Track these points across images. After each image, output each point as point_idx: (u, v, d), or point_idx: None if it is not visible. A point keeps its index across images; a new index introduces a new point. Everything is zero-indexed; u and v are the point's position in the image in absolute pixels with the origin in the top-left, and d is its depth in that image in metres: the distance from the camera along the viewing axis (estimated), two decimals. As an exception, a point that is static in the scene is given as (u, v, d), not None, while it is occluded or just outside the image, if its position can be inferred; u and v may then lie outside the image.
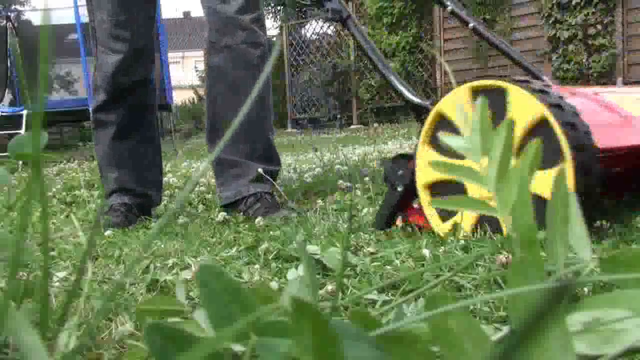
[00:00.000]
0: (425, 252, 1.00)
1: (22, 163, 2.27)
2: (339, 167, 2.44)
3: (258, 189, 1.71)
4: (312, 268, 0.46)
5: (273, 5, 13.25)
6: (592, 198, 1.00)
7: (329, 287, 0.85)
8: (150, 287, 0.96)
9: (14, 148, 0.61)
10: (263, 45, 1.75)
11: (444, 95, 1.18)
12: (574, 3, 7.53)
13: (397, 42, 9.27)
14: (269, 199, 1.70)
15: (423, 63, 9.19)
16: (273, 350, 0.35)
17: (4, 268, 0.59)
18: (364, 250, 1.07)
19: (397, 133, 5.51)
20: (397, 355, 0.38)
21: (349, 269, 0.96)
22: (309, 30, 10.81)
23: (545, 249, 0.46)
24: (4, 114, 6.74)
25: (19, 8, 12.81)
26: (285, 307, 0.39)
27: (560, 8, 7.67)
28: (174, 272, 1.04)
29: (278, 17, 13.25)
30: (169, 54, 6.90)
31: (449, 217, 1.18)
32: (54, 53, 7.86)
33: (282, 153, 1.92)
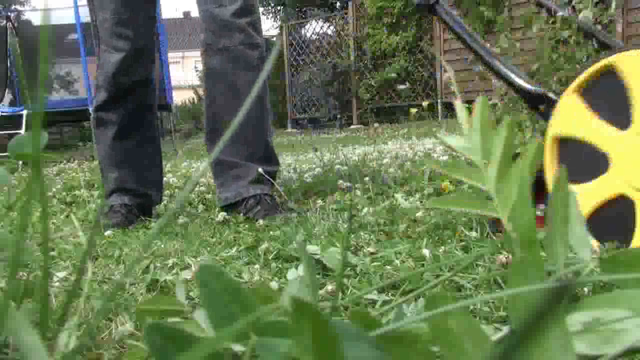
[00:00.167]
0: (425, 252, 1.00)
1: (22, 163, 2.27)
2: (339, 167, 2.44)
3: (258, 191, 1.71)
4: (312, 268, 0.46)
5: (273, 5, 13.25)
6: None
7: (329, 287, 0.85)
8: (150, 287, 0.96)
9: (14, 148, 0.61)
10: (260, 47, 1.75)
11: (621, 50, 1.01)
12: (574, 3, 7.52)
13: (397, 42, 9.28)
14: (269, 201, 1.70)
15: (423, 63, 9.19)
16: (273, 350, 0.35)
17: (4, 268, 0.59)
18: (364, 250, 1.07)
19: (397, 133, 5.51)
20: (397, 355, 0.38)
21: (349, 269, 0.96)
22: (309, 30, 10.81)
23: (545, 249, 0.46)
24: (4, 114, 6.74)
25: (19, 8, 12.82)
26: (285, 307, 0.39)
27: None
28: (174, 272, 1.04)
29: (278, 17, 13.24)
30: (169, 54, 6.90)
31: None
32: (54, 53, 7.86)
33: (282, 153, 1.92)
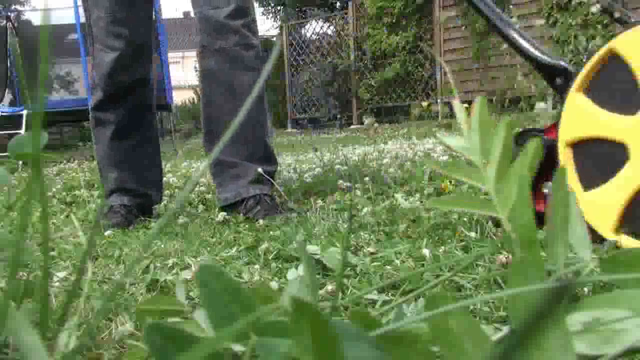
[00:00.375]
0: (425, 252, 1.00)
1: (22, 163, 2.27)
2: (339, 167, 2.44)
3: (257, 191, 1.71)
4: (312, 268, 0.46)
5: (273, 5, 13.24)
6: None
7: (329, 287, 0.85)
8: (150, 287, 0.96)
9: (14, 148, 0.61)
10: (256, 47, 1.75)
11: (620, 32, 0.98)
12: (574, 3, 7.53)
13: (397, 42, 9.27)
14: (269, 201, 1.70)
15: (423, 63, 9.19)
16: (273, 350, 0.35)
17: (4, 268, 0.59)
18: (364, 250, 1.07)
19: (397, 133, 5.51)
20: (397, 355, 0.38)
21: (349, 269, 0.96)
22: (309, 30, 10.81)
23: (545, 249, 0.46)
24: (4, 114, 6.74)
25: (19, 8, 12.82)
26: (285, 307, 0.39)
27: (560, 8, 7.67)
28: (174, 272, 1.04)
29: (278, 17, 13.24)
30: (169, 54, 6.90)
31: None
32: (54, 53, 7.87)
33: (282, 153, 1.92)
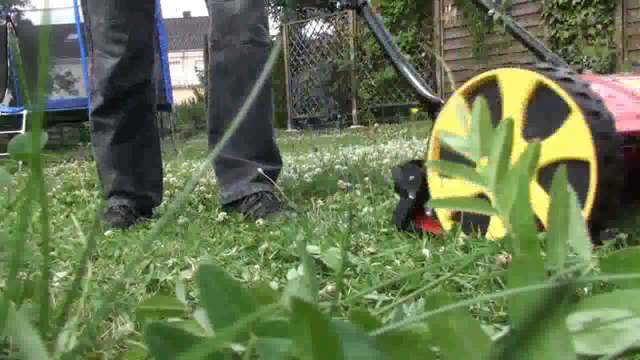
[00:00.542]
0: (425, 252, 1.00)
1: (22, 163, 2.27)
2: (339, 167, 2.44)
3: (259, 189, 1.70)
4: (312, 268, 0.46)
5: (273, 5, 13.25)
6: (615, 191, 0.97)
7: (329, 287, 0.85)
8: (150, 287, 0.96)
9: (14, 148, 0.61)
10: (267, 46, 1.73)
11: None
12: (574, 3, 7.53)
13: (397, 42, 9.27)
14: (270, 199, 1.69)
15: (423, 63, 9.19)
16: (273, 350, 0.35)
17: (4, 268, 0.59)
18: (364, 250, 1.07)
19: (397, 133, 5.51)
20: (397, 355, 0.38)
21: (349, 269, 0.96)
22: (309, 30, 10.81)
23: (545, 249, 0.46)
24: (4, 114, 6.74)
25: (19, 8, 12.82)
26: (285, 307, 0.39)
27: (560, 8, 7.68)
28: (174, 272, 1.04)
29: (278, 17, 13.25)
30: (169, 54, 6.90)
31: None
32: (54, 53, 7.87)
33: (282, 153, 1.91)
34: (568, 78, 1.01)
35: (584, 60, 7.51)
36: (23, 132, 5.72)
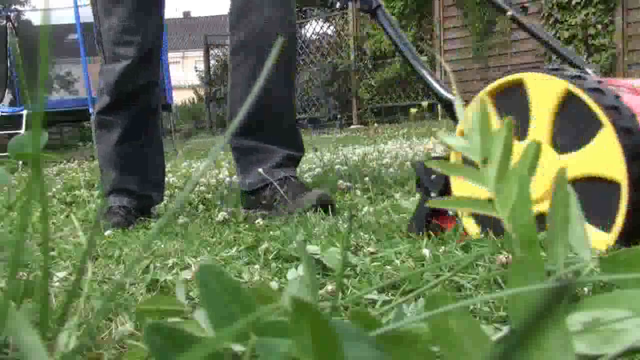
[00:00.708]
0: (425, 252, 1.00)
1: (22, 163, 2.27)
2: (339, 167, 2.44)
3: (282, 174, 1.64)
4: (312, 268, 0.46)
5: (273, 5, 13.22)
6: None
7: (329, 287, 0.85)
8: (150, 287, 0.96)
9: (14, 148, 0.61)
10: (293, 24, 1.66)
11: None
12: (574, 3, 7.54)
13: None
14: (295, 182, 1.63)
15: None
16: (273, 350, 0.35)
17: (4, 268, 0.59)
18: (364, 250, 1.07)
19: (397, 133, 5.51)
20: (397, 355, 0.38)
21: (349, 269, 0.96)
22: (309, 30, 10.82)
23: (545, 249, 0.46)
24: (4, 114, 6.75)
25: (19, 8, 12.83)
26: (285, 307, 0.39)
27: (560, 8, 7.68)
28: (174, 272, 1.04)
29: (278, 17, 13.24)
30: (169, 54, 6.91)
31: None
32: (54, 53, 7.87)
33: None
34: (598, 88, 0.95)
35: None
36: (23, 132, 5.72)
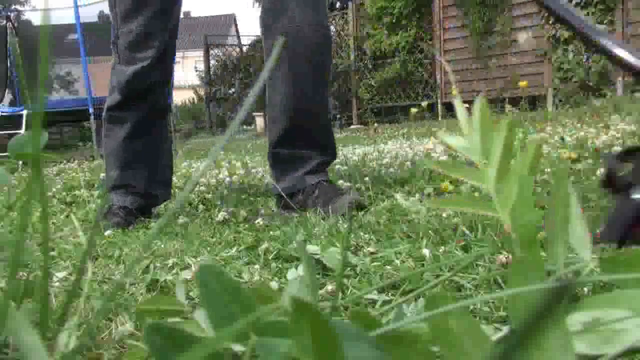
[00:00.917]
0: (425, 252, 1.00)
1: (22, 163, 2.27)
2: (339, 167, 2.44)
3: (315, 180, 1.67)
4: (312, 268, 0.46)
5: (273, 5, 13.23)
6: None
7: (329, 287, 0.85)
8: (150, 287, 0.96)
9: (14, 148, 0.61)
10: (326, 27, 1.65)
11: None
12: (574, 3, 7.54)
13: (397, 42, 9.28)
14: (327, 186, 1.66)
15: (423, 63, 9.19)
16: (273, 350, 0.35)
17: (4, 268, 0.59)
18: (364, 250, 1.07)
19: (397, 133, 5.51)
20: (397, 355, 0.38)
21: (349, 269, 0.96)
22: (309, 30, 10.80)
23: (545, 249, 0.46)
24: (4, 114, 6.75)
25: (19, 8, 12.83)
26: (285, 307, 0.39)
27: (560, 8, 7.67)
28: (174, 272, 1.04)
29: (278, 17, 13.24)
30: (169, 54, 6.89)
31: None
32: (54, 53, 7.87)
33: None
34: None
35: (584, 60, 7.51)
36: (23, 132, 5.72)
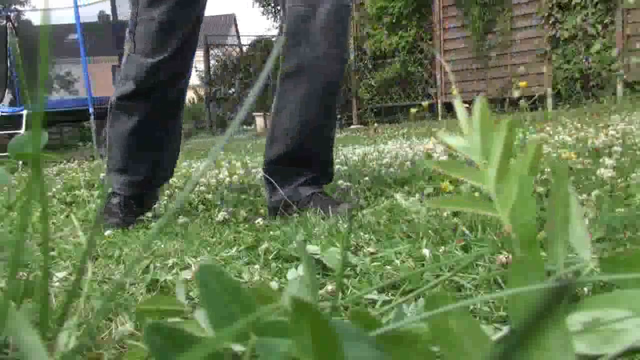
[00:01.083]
0: (425, 252, 1.00)
1: (22, 163, 2.27)
2: (339, 167, 2.44)
3: (309, 192, 1.66)
4: (312, 268, 0.46)
5: (273, 6, 13.25)
6: None
7: (329, 287, 0.85)
8: (150, 287, 0.96)
9: (14, 148, 0.61)
10: (345, 61, 1.64)
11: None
12: (574, 3, 7.54)
13: (397, 42, 9.28)
14: (322, 197, 1.64)
15: (423, 63, 9.19)
16: (273, 350, 0.35)
17: (4, 268, 0.59)
18: (364, 250, 1.07)
19: (397, 133, 5.51)
20: (397, 355, 0.38)
21: (349, 269, 0.96)
22: (309, 30, 10.80)
23: (545, 249, 0.46)
24: (4, 114, 6.75)
25: (19, 8, 12.83)
26: (285, 307, 0.39)
27: (560, 8, 7.68)
28: (174, 272, 1.04)
29: (278, 17, 13.25)
30: (169, 54, 6.89)
31: None
32: (54, 53, 7.87)
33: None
34: None
35: (584, 61, 7.52)
36: (23, 132, 5.72)
